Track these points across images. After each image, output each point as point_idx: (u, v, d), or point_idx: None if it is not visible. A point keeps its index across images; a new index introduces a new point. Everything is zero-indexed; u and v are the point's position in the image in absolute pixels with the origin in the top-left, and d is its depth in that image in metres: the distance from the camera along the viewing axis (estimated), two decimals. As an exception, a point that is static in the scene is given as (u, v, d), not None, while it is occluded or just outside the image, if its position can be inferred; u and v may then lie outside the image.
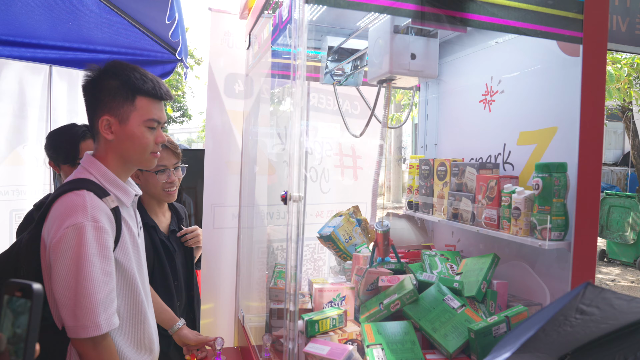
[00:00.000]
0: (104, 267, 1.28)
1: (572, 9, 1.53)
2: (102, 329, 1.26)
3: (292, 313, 1.29)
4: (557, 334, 0.94)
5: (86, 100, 1.41)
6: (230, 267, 2.47)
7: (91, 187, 1.33)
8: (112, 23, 3.52)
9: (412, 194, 2.41)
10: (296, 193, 1.29)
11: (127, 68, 1.41)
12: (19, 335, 0.68)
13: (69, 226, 1.25)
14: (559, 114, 1.74)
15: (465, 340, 1.51)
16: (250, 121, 2.27)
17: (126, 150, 1.40)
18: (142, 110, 1.39)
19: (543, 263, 1.80)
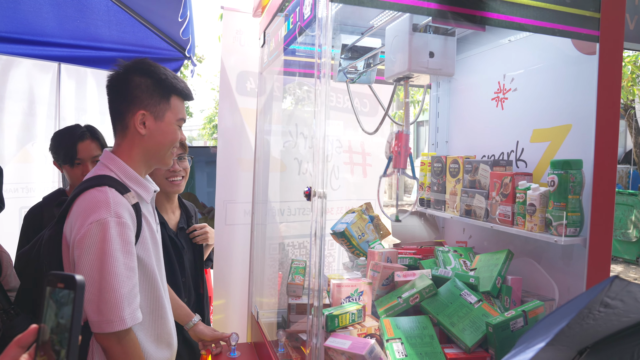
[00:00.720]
0: (127, 262, 1.30)
1: (589, 8, 1.54)
2: (127, 323, 1.27)
3: (317, 308, 1.31)
4: (579, 327, 0.96)
5: (114, 95, 1.43)
6: (241, 264, 2.49)
7: (112, 184, 1.35)
8: (119, 21, 3.53)
9: (424, 191, 2.43)
10: (321, 189, 1.30)
11: (159, 67, 1.46)
12: (63, 326, 0.69)
13: (93, 222, 1.26)
14: (574, 111, 1.76)
15: (482, 335, 1.53)
16: (264, 119, 2.29)
17: (155, 145, 1.44)
18: (175, 110, 1.46)
19: (556, 259, 1.83)
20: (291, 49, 1.72)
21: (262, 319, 2.18)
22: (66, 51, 3.66)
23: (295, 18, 1.58)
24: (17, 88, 3.46)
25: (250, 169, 2.46)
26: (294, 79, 2.15)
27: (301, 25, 1.51)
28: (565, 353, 0.96)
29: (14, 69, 3.44)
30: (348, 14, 1.97)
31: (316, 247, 1.31)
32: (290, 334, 1.78)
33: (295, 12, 1.58)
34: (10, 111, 3.40)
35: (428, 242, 2.36)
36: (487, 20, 1.45)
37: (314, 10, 1.37)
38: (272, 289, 2.38)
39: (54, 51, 3.64)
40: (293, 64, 1.95)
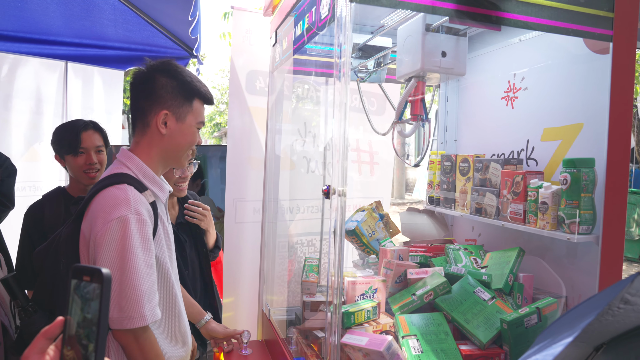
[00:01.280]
0: (147, 259, 1.31)
1: (603, 7, 1.56)
2: (147, 320, 1.28)
3: (337, 306, 1.32)
4: (598, 324, 0.97)
5: (138, 93, 1.45)
6: (251, 262, 2.50)
7: (131, 182, 1.36)
8: (126, 19, 3.54)
9: (433, 189, 2.44)
10: (340, 187, 1.31)
11: (185, 70, 1.48)
12: (90, 320, 0.69)
13: (114, 219, 1.27)
14: (586, 110, 1.77)
15: (497, 331, 1.55)
16: (275, 118, 2.30)
17: (174, 146, 1.46)
18: (196, 113, 1.47)
19: (566, 256, 1.84)
20: (306, 48, 1.73)
21: (273, 317, 2.19)
22: (72, 50, 3.68)
23: (311, 17, 1.59)
24: (25, 87, 3.47)
25: (259, 167, 2.48)
26: (309, 78, 2.17)
27: (318, 25, 1.52)
28: (582, 349, 0.97)
29: (22, 67, 3.45)
30: (358, 13, 1.98)
31: (335, 245, 1.32)
32: (304, 331, 1.79)
33: (311, 11, 1.59)
34: (18, 110, 3.41)
35: (437, 240, 2.38)
36: (502, 20, 1.46)
37: (332, 10, 1.38)
38: (283, 286, 2.40)
39: (60, 50, 3.65)
40: (308, 63, 1.96)
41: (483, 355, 1.53)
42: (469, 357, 1.51)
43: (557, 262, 1.88)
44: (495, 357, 1.53)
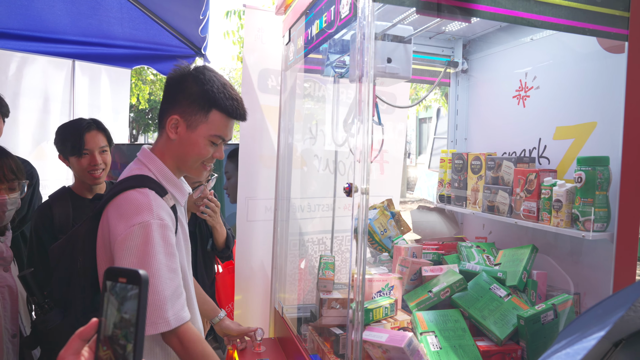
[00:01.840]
0: (169, 264, 1.30)
1: (618, 7, 1.57)
2: (171, 324, 1.27)
3: (359, 303, 1.34)
4: (620, 320, 0.99)
5: (164, 93, 1.44)
6: (262, 260, 2.51)
7: (153, 186, 1.35)
8: (132, 18, 3.55)
9: (444, 187, 2.46)
10: (363, 185, 1.33)
11: (213, 78, 1.39)
12: (127, 320, 0.69)
13: (136, 224, 1.26)
14: (599, 109, 1.79)
15: (514, 328, 1.57)
16: (287, 116, 2.31)
17: (183, 154, 1.41)
18: (212, 125, 1.39)
19: (579, 254, 1.86)
20: (323, 47, 1.74)
21: (287, 314, 2.21)
22: (79, 48, 3.68)
23: (330, 17, 1.60)
24: (32, 85, 3.48)
25: (271, 166, 2.49)
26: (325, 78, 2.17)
27: (338, 24, 1.53)
28: (603, 345, 0.99)
29: (29, 66, 3.46)
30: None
31: (358, 243, 1.34)
32: (320, 328, 1.81)
33: (329, 10, 1.60)
34: (26, 108, 3.42)
35: (449, 237, 2.40)
36: (520, 20, 1.48)
37: (352, 9, 1.39)
38: (296, 284, 2.41)
39: (67, 48, 3.66)
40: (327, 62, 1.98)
41: (500, 351, 1.55)
42: (487, 353, 1.53)
43: (569, 259, 1.90)
44: (512, 353, 1.55)
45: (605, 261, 1.73)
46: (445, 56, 2.51)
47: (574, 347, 0.91)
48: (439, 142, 12.93)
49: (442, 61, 2.51)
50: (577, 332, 1.00)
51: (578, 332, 0.98)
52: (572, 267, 1.89)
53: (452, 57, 2.51)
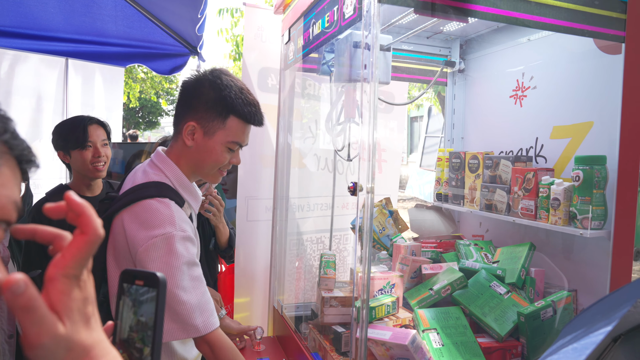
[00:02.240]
0: (192, 274, 1.29)
1: (615, 9, 1.60)
2: (201, 331, 1.26)
3: (365, 301, 1.35)
4: (622, 316, 1.01)
5: (180, 97, 1.41)
6: (264, 260, 2.52)
7: (172, 195, 1.33)
8: (126, 16, 3.52)
9: (441, 186, 2.49)
10: (369, 184, 1.34)
11: (231, 83, 1.36)
12: (144, 323, 0.69)
13: (159, 235, 1.24)
14: (596, 109, 1.82)
15: (514, 324, 1.60)
16: (286, 115, 2.32)
17: (200, 160, 1.38)
18: (230, 131, 1.36)
19: (575, 251, 1.90)
20: (325, 47, 1.75)
21: (286, 313, 2.22)
22: (72, 46, 3.64)
23: (333, 17, 1.61)
24: (25, 84, 3.44)
25: (271, 166, 2.49)
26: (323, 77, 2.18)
27: (341, 24, 1.54)
28: (603, 340, 1.01)
29: (21, 64, 3.42)
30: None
31: (364, 242, 1.35)
32: (322, 326, 1.82)
33: (332, 10, 1.61)
34: (18, 107, 3.38)
35: (446, 235, 2.42)
36: (519, 21, 1.50)
37: (357, 10, 1.40)
38: (296, 283, 2.42)
39: (60, 46, 3.61)
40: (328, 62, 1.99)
41: (501, 347, 1.57)
42: (488, 350, 1.56)
43: (564, 257, 1.94)
44: (512, 349, 1.58)
45: (601, 258, 1.76)
46: (442, 56, 2.53)
47: (581, 342, 0.93)
48: (430, 140, 13.01)
49: (439, 61, 2.54)
50: (581, 327, 1.03)
51: (583, 328, 1.01)
52: (568, 264, 1.93)
53: (449, 56, 2.53)
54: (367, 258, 1.35)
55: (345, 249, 2.90)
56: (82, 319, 0.52)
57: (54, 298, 0.49)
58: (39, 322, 0.46)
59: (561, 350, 0.94)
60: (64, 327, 0.49)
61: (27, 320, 0.46)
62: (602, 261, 1.76)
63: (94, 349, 0.52)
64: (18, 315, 0.45)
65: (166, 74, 3.87)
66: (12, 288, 0.44)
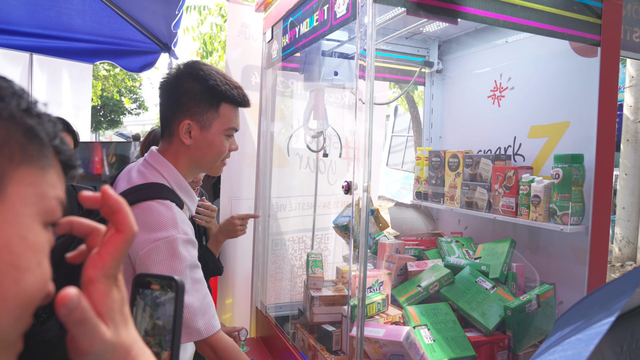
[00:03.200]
0: (194, 277, 1.27)
1: (592, 14, 1.67)
2: (203, 334, 1.24)
3: (361, 300, 1.36)
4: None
5: (163, 100, 1.38)
6: (246, 260, 2.49)
7: (172, 197, 1.31)
8: (94, 11, 3.41)
9: (420, 185, 2.53)
10: (364, 183, 1.35)
11: (211, 72, 1.35)
12: (162, 327, 0.69)
13: (161, 239, 1.21)
14: (572, 109, 1.90)
15: (501, 318, 1.64)
16: (267, 114, 2.30)
17: (201, 156, 1.37)
18: (225, 119, 1.36)
19: (553, 246, 1.97)
20: (314, 46, 1.75)
21: (270, 313, 2.20)
22: (37, 41, 3.50)
23: (322, 15, 1.61)
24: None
25: (253, 165, 2.47)
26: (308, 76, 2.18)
27: (332, 24, 1.54)
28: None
29: (-20, 60, 3.25)
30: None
31: (359, 241, 1.36)
32: (312, 325, 1.82)
33: (321, 10, 1.61)
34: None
35: (426, 233, 2.47)
36: (500, 22, 1.53)
37: (351, 9, 1.41)
38: (280, 283, 2.41)
39: (23, 41, 3.46)
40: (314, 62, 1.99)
41: (489, 341, 1.61)
42: (477, 344, 1.60)
43: (542, 252, 2.01)
44: (500, 343, 1.63)
45: (578, 253, 1.84)
46: (421, 56, 2.57)
47: (585, 332, 0.96)
48: (396, 140, 13.20)
49: (418, 61, 2.58)
50: (578, 319, 1.06)
51: (581, 320, 1.04)
52: (545, 259, 2.00)
53: (428, 57, 2.58)
54: (364, 257, 1.36)
55: (327, 248, 2.90)
56: (122, 320, 0.52)
57: (97, 300, 0.48)
58: (90, 332, 0.45)
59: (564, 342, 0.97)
60: (108, 330, 0.48)
61: (80, 332, 0.44)
62: (578, 255, 1.84)
63: (133, 348, 0.53)
64: (71, 328, 0.44)
65: (136, 71, 3.77)
66: (67, 304, 0.43)
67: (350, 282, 1.43)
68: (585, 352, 0.89)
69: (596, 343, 0.91)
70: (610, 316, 0.95)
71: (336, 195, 2.83)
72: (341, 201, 2.81)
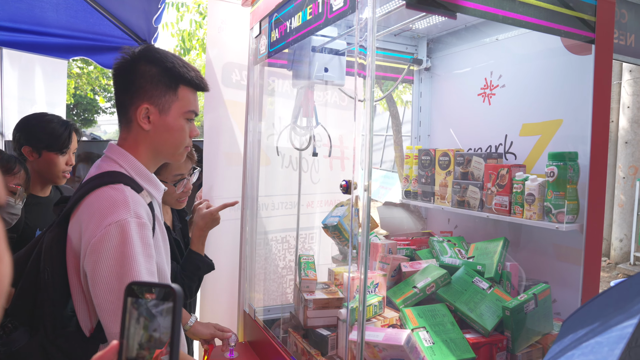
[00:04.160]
0: (149, 267, 1.20)
1: (586, 12, 1.66)
2: None
3: (362, 303, 1.31)
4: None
5: (118, 86, 1.32)
6: (230, 260, 2.41)
7: (127, 181, 1.25)
8: (69, 4, 3.26)
9: (410, 183, 2.50)
10: (365, 182, 1.30)
11: (167, 54, 1.33)
12: (157, 339, 0.65)
13: (111, 223, 1.15)
14: (564, 107, 1.89)
15: (499, 318, 1.62)
16: (254, 112, 2.23)
17: (162, 142, 1.33)
18: (183, 101, 1.32)
19: (546, 244, 1.97)
20: (305, 42, 1.69)
21: (259, 317, 2.13)
22: (6, 35, 3.32)
23: (317, 8, 1.55)
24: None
25: (236, 163, 2.40)
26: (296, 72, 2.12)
27: (328, 17, 1.48)
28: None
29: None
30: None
31: (363, 242, 1.31)
32: (305, 330, 1.76)
33: (316, 2, 1.55)
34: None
35: (416, 232, 2.44)
36: (495, 17, 1.50)
37: (349, 1, 1.36)
38: (269, 285, 2.34)
39: (-10, 34, 3.28)
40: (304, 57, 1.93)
41: (488, 342, 1.59)
42: (476, 345, 1.57)
43: (534, 250, 2.00)
44: (498, 343, 1.60)
45: (571, 251, 1.84)
46: (409, 53, 2.54)
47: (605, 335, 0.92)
48: (376, 138, 13.24)
49: (406, 58, 2.55)
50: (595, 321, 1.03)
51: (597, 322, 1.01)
52: (536, 257, 1.99)
53: (416, 54, 2.55)
54: (365, 258, 1.31)
55: (311, 248, 2.84)
56: None
57: None
58: None
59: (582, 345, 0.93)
60: None
61: None
62: (572, 253, 1.83)
63: None
64: None
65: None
66: None
67: (347, 284, 1.38)
68: (611, 357, 0.85)
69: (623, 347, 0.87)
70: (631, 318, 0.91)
71: (320, 194, 2.77)
72: (325, 200, 2.76)
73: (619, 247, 6.83)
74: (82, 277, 1.21)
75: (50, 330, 1.27)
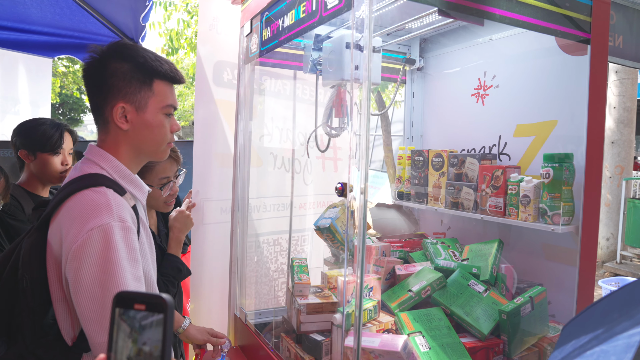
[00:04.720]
0: (134, 272, 1.15)
1: (582, 12, 1.65)
2: None
3: (359, 308, 1.27)
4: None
5: (90, 87, 1.27)
6: (221, 265, 2.36)
7: (109, 184, 1.20)
8: (53, 1, 3.18)
9: (402, 184, 2.47)
10: (362, 184, 1.27)
11: (139, 49, 1.27)
12: (147, 353, 0.61)
13: (94, 228, 1.10)
14: (560, 108, 1.88)
15: (495, 322, 1.59)
16: (245, 112, 2.19)
17: (142, 141, 1.28)
18: (160, 96, 1.27)
19: (539, 246, 1.95)
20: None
21: (251, 321, 2.09)
22: (-11, 33, 3.23)
23: (311, 6, 1.51)
24: None
25: (226, 164, 2.35)
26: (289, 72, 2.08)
27: (322, 15, 1.45)
28: None
29: None
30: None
31: (359, 245, 1.28)
32: (299, 335, 1.72)
33: (309, 0, 1.52)
34: None
35: (410, 234, 2.41)
36: (488, 15, 1.48)
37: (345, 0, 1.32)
38: (260, 289, 2.30)
39: (-28, 32, 3.19)
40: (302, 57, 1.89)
41: (485, 346, 1.56)
42: (472, 350, 1.54)
43: (528, 252, 1.99)
44: (495, 347, 1.58)
45: (567, 253, 1.82)
46: (401, 53, 2.52)
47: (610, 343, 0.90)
48: (365, 139, 13.23)
49: (399, 58, 2.52)
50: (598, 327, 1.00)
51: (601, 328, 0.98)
52: (531, 259, 1.98)
53: (409, 54, 2.52)
54: (361, 262, 1.28)
55: (304, 250, 2.81)
56: None
57: None
58: None
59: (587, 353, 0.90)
60: None
61: None
62: (571, 255, 1.82)
63: None
64: None
65: (100, 66, 3.55)
66: None
67: (342, 288, 1.35)
68: (618, 366, 0.81)
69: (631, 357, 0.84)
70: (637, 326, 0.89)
71: (313, 196, 2.74)
72: (317, 202, 2.72)
73: (606, 245, 6.90)
74: (64, 284, 1.16)
75: (30, 340, 1.21)
